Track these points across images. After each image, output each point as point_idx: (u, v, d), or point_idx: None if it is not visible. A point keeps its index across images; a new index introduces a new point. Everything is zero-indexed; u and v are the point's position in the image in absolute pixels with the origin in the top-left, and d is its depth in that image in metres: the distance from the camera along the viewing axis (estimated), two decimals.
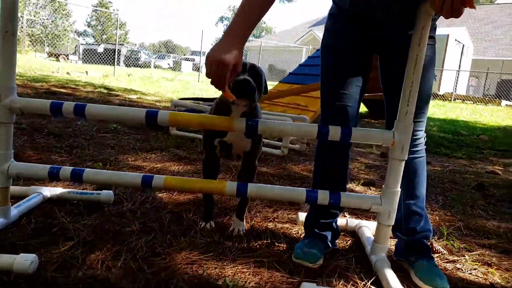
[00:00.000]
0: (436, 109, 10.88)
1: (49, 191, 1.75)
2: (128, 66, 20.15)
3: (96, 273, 1.23)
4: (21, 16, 16.10)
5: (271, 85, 5.76)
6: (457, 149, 4.61)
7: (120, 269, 1.26)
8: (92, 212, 1.69)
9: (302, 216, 1.75)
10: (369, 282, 1.32)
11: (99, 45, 22.03)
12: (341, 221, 1.77)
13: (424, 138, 1.47)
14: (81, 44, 25.64)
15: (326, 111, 1.47)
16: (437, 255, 1.60)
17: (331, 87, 1.44)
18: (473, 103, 16.02)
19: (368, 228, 1.69)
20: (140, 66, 21.97)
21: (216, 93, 1.55)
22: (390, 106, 1.44)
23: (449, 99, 16.29)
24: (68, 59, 21.49)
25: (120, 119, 1.44)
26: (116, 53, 13.08)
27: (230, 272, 1.31)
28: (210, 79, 1.17)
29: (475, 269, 1.51)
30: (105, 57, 16.59)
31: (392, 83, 1.43)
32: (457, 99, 16.76)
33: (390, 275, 1.29)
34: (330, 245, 1.52)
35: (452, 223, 2.02)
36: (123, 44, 25.50)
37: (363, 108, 8.05)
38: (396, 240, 1.54)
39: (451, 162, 3.93)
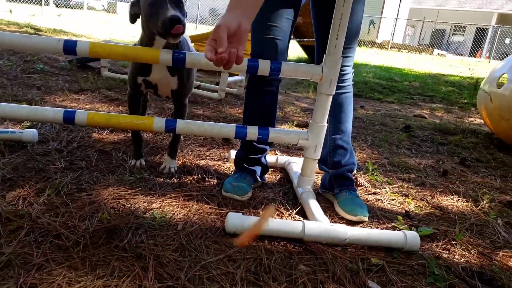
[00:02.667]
0: (373, 57, 11.21)
1: None
2: (58, 7, 18.28)
3: (17, 208, 1.17)
4: None
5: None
6: (390, 94, 4.84)
7: (42, 205, 1.21)
8: (14, 151, 1.58)
9: (233, 153, 1.76)
10: (294, 211, 1.39)
11: None
12: (271, 158, 1.81)
13: (352, 74, 1.50)
14: None
15: (255, 45, 1.44)
16: (361, 188, 1.71)
17: (259, 19, 1.40)
18: (408, 51, 16.70)
19: (297, 163, 1.75)
20: (71, 7, 20.02)
21: None
22: (320, 46, 1.45)
23: (386, 47, 16.82)
24: None
25: (37, 48, 1.31)
26: None
27: (158, 205, 1.30)
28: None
29: (393, 199, 1.63)
30: None
31: (322, 23, 1.42)
32: (394, 47, 17.34)
33: (314, 205, 1.36)
34: (259, 179, 1.56)
35: (378, 160, 2.15)
36: None
37: (303, 55, 8.08)
38: (323, 174, 1.61)
39: (383, 106, 4.13)
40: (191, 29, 14.23)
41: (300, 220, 1.29)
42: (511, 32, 17.97)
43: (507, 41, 18.18)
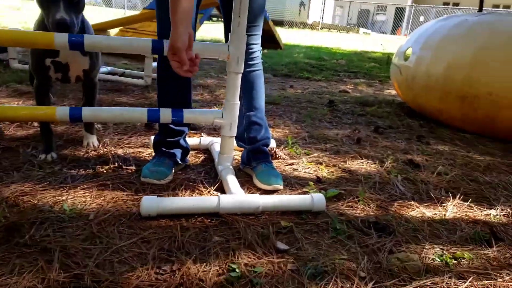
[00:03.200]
0: (303, 38, 11.48)
1: None
2: None
3: None
4: None
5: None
6: (318, 72, 5.01)
7: None
8: None
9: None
10: (213, 188, 1.41)
11: None
12: (195, 140, 1.81)
13: (261, 52, 1.53)
14: None
15: (160, 25, 1.42)
16: (280, 160, 1.78)
17: (163, 1, 1.38)
18: (338, 31, 17.34)
19: (219, 143, 1.77)
20: None
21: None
22: (226, 25, 1.46)
23: (317, 28, 17.32)
24: None
25: None
26: None
27: (69, 198, 1.26)
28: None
29: (308, 168, 1.72)
30: None
31: (227, 1, 1.43)
32: (324, 28, 17.91)
33: (231, 179, 1.39)
34: (180, 162, 1.56)
35: (299, 134, 2.23)
36: None
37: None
38: (242, 150, 1.65)
39: (311, 84, 4.27)
40: (120, 15, 13.58)
41: (217, 195, 1.31)
42: (424, 10, 19.37)
43: (421, 19, 19.53)
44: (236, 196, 1.25)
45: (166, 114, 1.40)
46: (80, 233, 1.07)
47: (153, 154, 1.70)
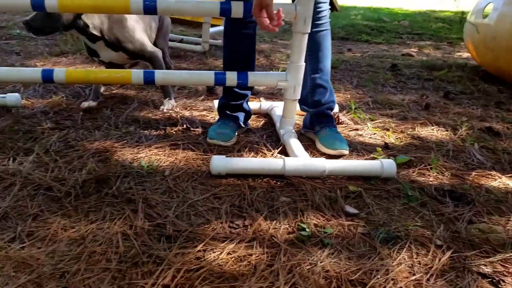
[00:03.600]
0: None
1: None
2: None
3: (8, 167, 1.21)
4: None
5: None
6: (378, 35, 4.77)
7: (32, 163, 1.25)
8: None
9: (217, 103, 1.78)
10: (276, 151, 1.44)
11: None
12: (255, 104, 1.84)
13: (329, 11, 1.49)
14: None
15: None
16: (343, 126, 1.76)
17: None
18: None
19: (279, 107, 1.78)
20: None
21: None
22: None
23: None
24: None
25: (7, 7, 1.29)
26: None
27: (145, 155, 1.35)
28: None
29: (374, 134, 1.68)
30: None
31: None
32: None
33: (294, 143, 1.41)
34: (243, 125, 1.60)
35: (362, 99, 2.18)
36: None
37: None
38: (304, 115, 1.65)
39: (371, 47, 4.09)
40: None
41: (281, 158, 1.34)
42: None
43: None
44: (301, 159, 1.27)
45: (231, 78, 1.43)
46: (158, 187, 1.16)
47: (216, 118, 1.76)
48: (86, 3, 1.28)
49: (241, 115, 1.59)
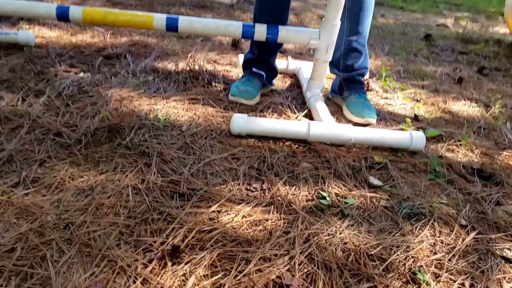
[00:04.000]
0: None
1: None
2: None
3: (16, 108, 1.16)
4: None
5: None
6: (414, 2, 4.51)
7: (42, 105, 1.20)
8: (10, 53, 1.54)
9: (241, 58, 1.69)
10: (301, 114, 1.36)
11: None
12: (282, 63, 1.74)
13: None
14: None
15: None
16: (373, 93, 1.65)
17: None
18: None
19: (307, 69, 1.68)
20: None
21: None
22: None
23: None
24: None
25: None
26: None
27: (162, 108, 1.28)
28: None
29: (404, 104, 1.58)
30: None
31: None
32: None
33: (321, 107, 1.32)
34: (268, 84, 1.51)
35: (393, 67, 2.05)
36: None
37: None
38: (333, 78, 1.55)
39: (405, 15, 3.87)
40: None
41: (306, 121, 1.26)
42: None
43: None
44: (327, 125, 1.19)
45: (261, 31, 1.32)
46: (174, 142, 1.10)
47: (240, 74, 1.67)
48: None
49: (267, 73, 1.49)
